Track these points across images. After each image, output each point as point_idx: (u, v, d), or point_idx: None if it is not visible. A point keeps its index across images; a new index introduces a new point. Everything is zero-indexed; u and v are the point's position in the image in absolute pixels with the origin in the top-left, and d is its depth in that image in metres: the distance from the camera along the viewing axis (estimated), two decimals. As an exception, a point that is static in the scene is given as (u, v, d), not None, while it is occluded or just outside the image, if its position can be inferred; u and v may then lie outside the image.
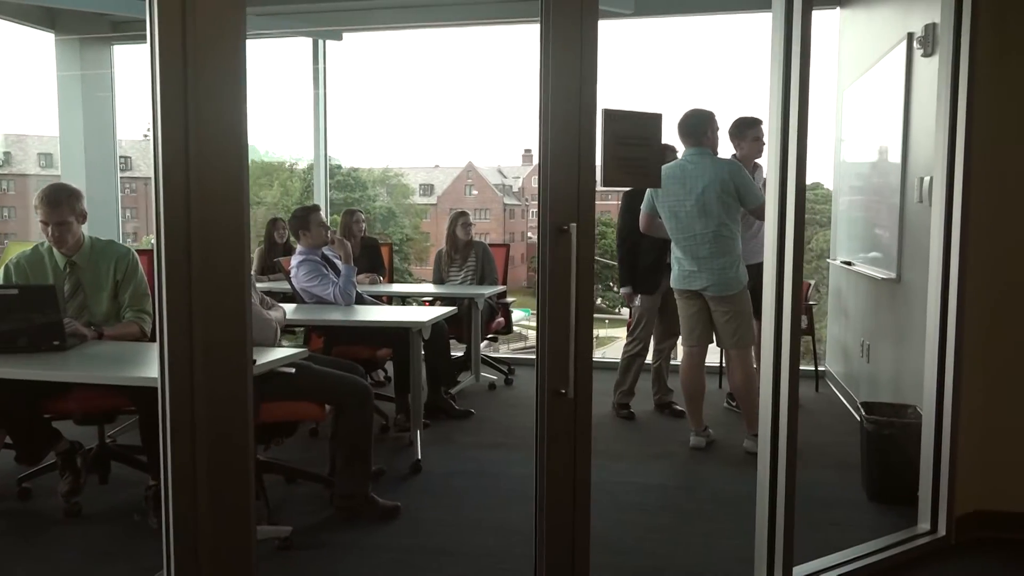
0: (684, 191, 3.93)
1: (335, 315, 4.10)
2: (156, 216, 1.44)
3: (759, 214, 3.83)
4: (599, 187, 2.05)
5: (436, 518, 3.22)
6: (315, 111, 6.38)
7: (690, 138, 3.96)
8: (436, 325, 4.28)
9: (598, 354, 7.62)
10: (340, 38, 6.06)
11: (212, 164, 1.47)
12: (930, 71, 3.21)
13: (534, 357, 1.98)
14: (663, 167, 4.12)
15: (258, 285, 5.36)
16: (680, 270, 4.06)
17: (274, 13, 6.00)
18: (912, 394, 3.44)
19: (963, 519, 2.95)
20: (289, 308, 4.38)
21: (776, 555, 2.49)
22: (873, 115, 4.41)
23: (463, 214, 5.63)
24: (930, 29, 3.39)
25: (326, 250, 4.37)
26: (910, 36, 3.63)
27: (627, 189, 4.94)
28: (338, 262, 4.34)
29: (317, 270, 4.21)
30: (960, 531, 2.93)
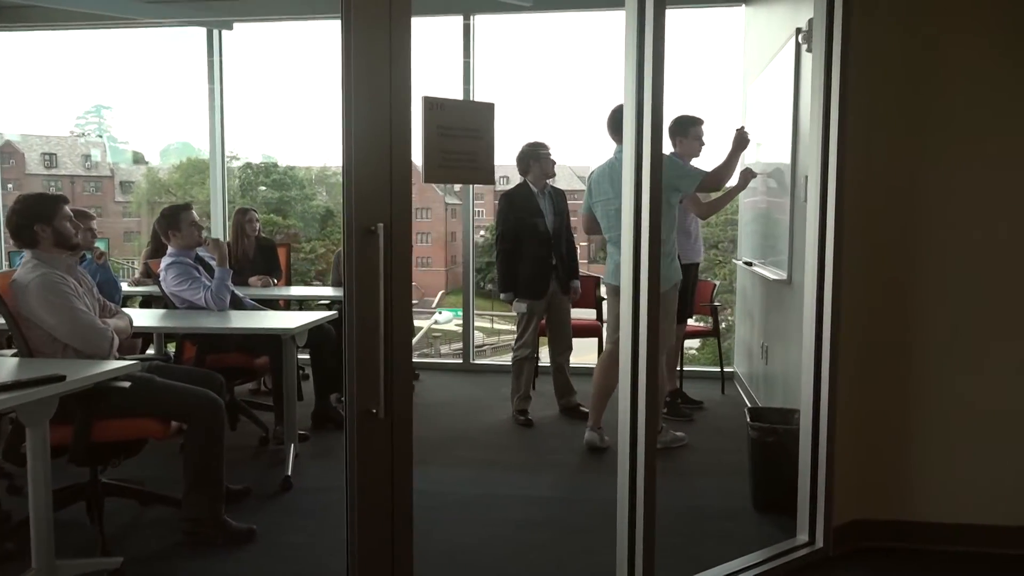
0: (613, 190, 3.84)
1: (209, 321, 3.83)
2: None
3: (707, 188, 3.96)
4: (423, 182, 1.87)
5: (298, 542, 2.99)
6: (210, 104, 6.05)
7: (617, 134, 3.87)
8: (321, 330, 4.05)
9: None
10: (231, 27, 5.75)
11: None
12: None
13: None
14: (596, 167, 4.01)
15: (136, 289, 5.06)
16: (611, 264, 3.96)
17: (161, 1, 5.68)
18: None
19: (841, 529, 2.85)
20: (159, 314, 4.11)
21: (636, 574, 2.34)
22: (770, 112, 4.33)
23: (362, 213, 5.38)
24: (813, 23, 3.29)
25: (201, 251, 4.10)
26: (798, 31, 3.54)
27: (507, 189, 4.76)
28: (215, 264, 4.07)
29: (187, 273, 3.93)
30: (838, 542, 2.84)
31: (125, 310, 4.49)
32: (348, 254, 1.70)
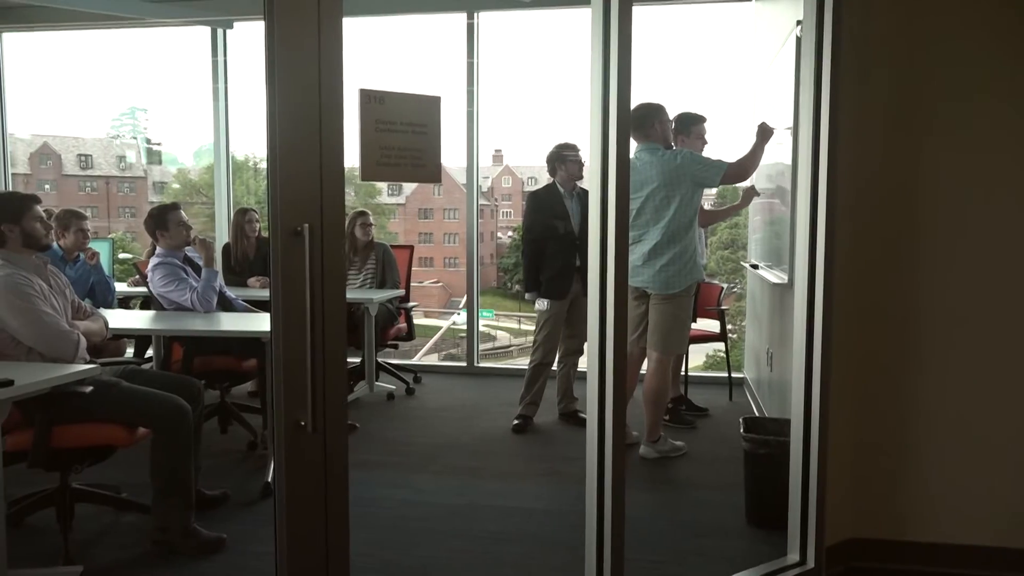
0: (632, 188, 3.72)
1: (195, 323, 3.77)
2: None
3: (733, 179, 3.88)
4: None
5: (268, 551, 2.89)
6: (215, 104, 6.02)
7: (638, 132, 3.84)
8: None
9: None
10: (231, 27, 5.72)
11: None
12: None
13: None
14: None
15: (135, 290, 5.03)
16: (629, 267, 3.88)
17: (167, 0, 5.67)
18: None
19: (835, 548, 2.69)
20: (146, 316, 4.07)
21: (604, 597, 2.21)
22: (774, 109, 4.17)
23: (362, 213, 5.32)
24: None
25: (190, 251, 4.04)
26: (799, 23, 3.38)
27: (535, 188, 4.73)
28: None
29: (174, 274, 3.87)
30: (831, 562, 2.67)
31: (120, 311, 4.49)
32: (273, 256, 1.60)
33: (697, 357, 10.61)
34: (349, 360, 5.12)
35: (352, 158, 1.76)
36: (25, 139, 25.46)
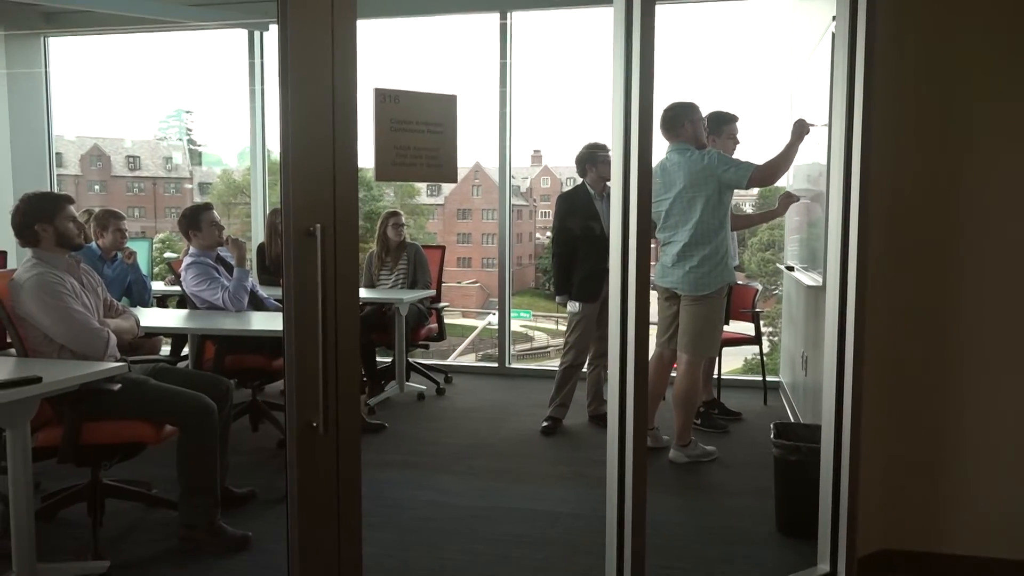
0: (663, 189, 3.76)
1: (225, 322, 3.82)
2: None
3: (761, 182, 3.77)
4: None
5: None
6: (251, 107, 6.10)
7: (668, 132, 3.82)
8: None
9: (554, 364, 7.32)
10: (267, 29, 5.79)
11: None
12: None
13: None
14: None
15: (172, 289, 5.11)
16: (658, 266, 3.92)
17: (205, 3, 5.76)
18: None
19: (867, 559, 2.61)
20: (179, 314, 4.13)
21: (624, 604, 2.17)
22: (811, 108, 4.07)
23: (395, 214, 5.34)
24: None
25: (223, 251, 4.09)
26: (835, 19, 3.29)
27: (565, 191, 4.69)
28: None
29: (206, 273, 3.92)
30: (863, 573, 2.60)
31: (155, 309, 4.57)
32: (286, 256, 1.60)
33: (735, 360, 10.46)
34: (380, 360, 5.16)
35: (368, 158, 1.75)
36: (73, 141, 26.14)
